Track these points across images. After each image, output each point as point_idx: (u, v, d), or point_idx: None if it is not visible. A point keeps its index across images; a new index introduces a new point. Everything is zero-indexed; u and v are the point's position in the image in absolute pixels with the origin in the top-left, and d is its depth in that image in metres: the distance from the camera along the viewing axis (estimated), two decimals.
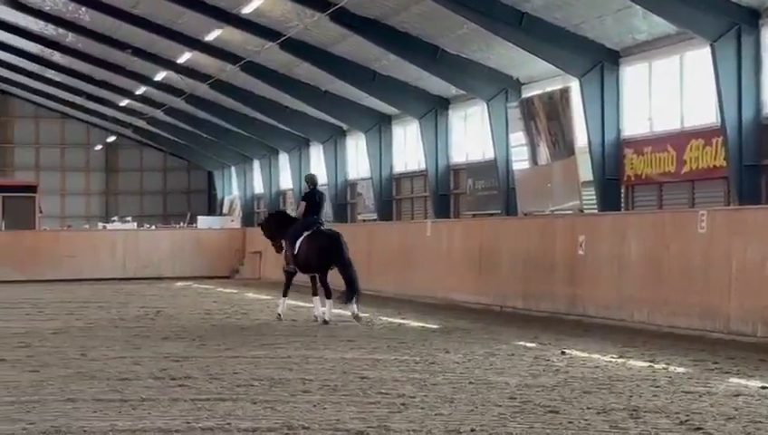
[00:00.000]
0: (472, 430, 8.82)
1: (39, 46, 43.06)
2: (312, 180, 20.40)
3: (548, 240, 21.41)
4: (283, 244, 20.22)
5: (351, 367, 12.87)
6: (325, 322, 18.88)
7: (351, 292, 19.12)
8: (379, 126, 35.65)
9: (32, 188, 45.46)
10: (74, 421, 9.29)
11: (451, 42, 27.09)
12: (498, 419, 9.37)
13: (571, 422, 9.16)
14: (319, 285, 19.59)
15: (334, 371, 12.58)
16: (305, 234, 19.51)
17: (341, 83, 33.13)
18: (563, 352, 14.25)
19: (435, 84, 30.46)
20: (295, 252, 19.57)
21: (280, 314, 19.95)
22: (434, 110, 31.88)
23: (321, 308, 19.30)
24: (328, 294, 19.24)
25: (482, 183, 30.25)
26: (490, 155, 29.05)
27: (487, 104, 28.19)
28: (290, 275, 20.11)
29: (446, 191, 32.36)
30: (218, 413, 9.70)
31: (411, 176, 35.59)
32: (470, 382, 11.53)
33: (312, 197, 20.01)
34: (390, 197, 36.14)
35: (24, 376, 12.24)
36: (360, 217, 38.36)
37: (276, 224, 20.87)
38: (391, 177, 36.04)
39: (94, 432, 8.84)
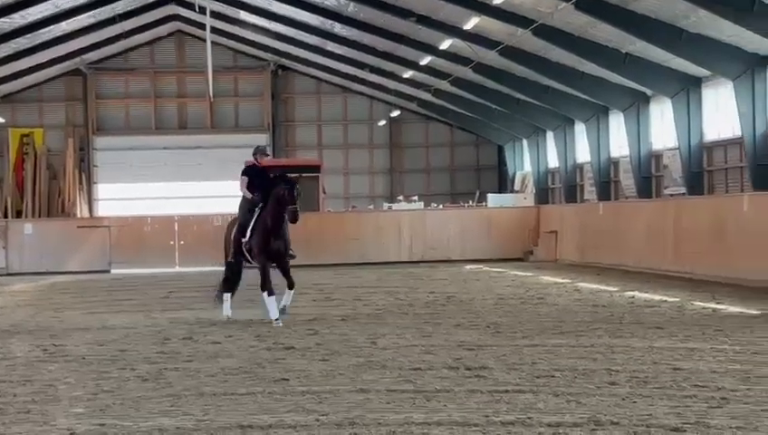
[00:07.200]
0: None
1: (320, 18, 44.48)
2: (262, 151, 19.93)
3: None
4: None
5: (662, 357, 12.69)
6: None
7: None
8: (687, 90, 34.82)
9: (315, 168, 46.67)
10: (368, 413, 9.61)
11: None
12: None
13: None
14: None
15: (643, 361, 12.44)
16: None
17: (644, 44, 32.52)
18: None
19: (750, 41, 29.42)
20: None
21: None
22: (750, 69, 30.81)
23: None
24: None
25: None
26: None
27: None
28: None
29: (766, 161, 31.24)
30: (518, 406, 9.80)
31: (725, 144, 34.57)
32: None
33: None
34: (701, 168, 35.25)
35: (315, 365, 12.75)
36: (666, 192, 37.61)
37: None
38: (701, 146, 35.14)
39: (389, 425, 9.11)
